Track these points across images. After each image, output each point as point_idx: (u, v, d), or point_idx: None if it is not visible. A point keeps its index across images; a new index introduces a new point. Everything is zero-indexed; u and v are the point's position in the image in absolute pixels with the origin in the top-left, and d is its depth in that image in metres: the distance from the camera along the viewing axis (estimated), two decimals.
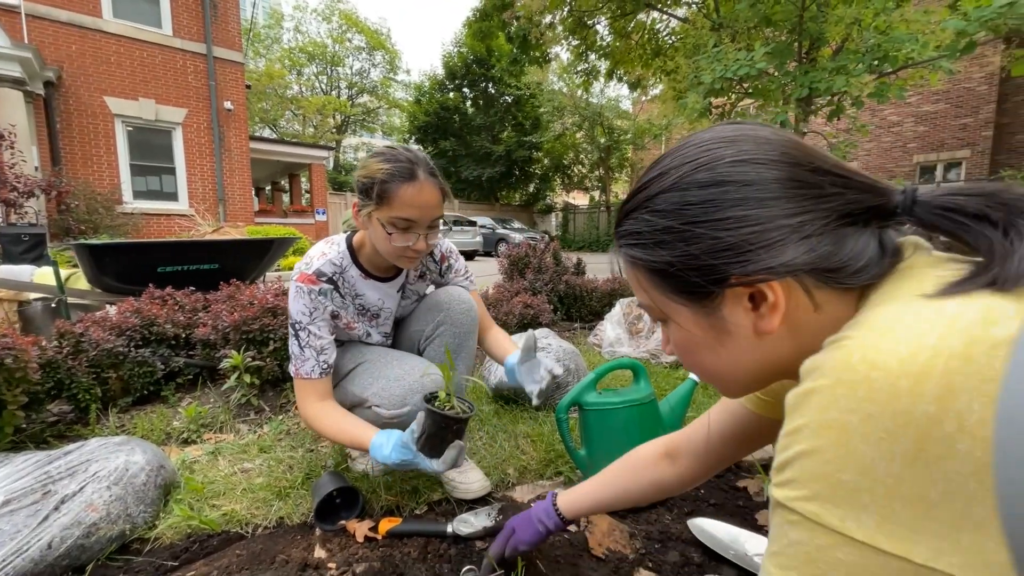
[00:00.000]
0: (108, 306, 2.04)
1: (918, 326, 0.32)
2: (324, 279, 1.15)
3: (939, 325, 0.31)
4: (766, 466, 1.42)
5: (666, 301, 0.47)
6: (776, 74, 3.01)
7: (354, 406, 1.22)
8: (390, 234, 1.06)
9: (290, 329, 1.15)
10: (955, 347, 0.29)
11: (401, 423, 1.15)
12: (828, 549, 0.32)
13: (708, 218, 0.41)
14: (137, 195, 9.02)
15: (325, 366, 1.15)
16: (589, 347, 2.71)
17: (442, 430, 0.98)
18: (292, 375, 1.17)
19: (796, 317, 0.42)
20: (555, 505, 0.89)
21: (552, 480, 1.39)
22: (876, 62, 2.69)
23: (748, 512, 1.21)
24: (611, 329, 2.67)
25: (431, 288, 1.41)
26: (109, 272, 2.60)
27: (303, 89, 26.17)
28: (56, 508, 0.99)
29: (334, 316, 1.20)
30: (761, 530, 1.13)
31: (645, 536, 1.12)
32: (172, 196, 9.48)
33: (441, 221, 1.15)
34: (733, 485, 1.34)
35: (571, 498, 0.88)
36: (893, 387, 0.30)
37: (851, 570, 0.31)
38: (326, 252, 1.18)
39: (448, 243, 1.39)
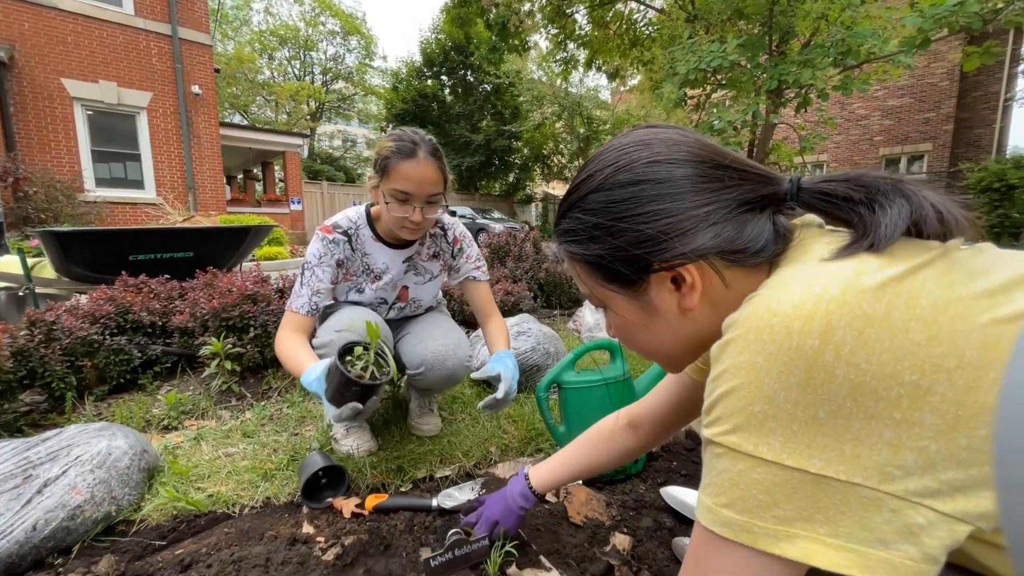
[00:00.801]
0: (78, 295, 1.99)
1: (808, 280, 0.38)
2: (339, 231, 1.29)
3: (823, 278, 0.38)
4: None
5: (602, 290, 0.53)
6: (748, 66, 3.11)
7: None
8: (388, 203, 1.17)
9: (300, 268, 1.27)
10: (834, 294, 0.36)
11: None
12: (746, 472, 0.38)
13: (630, 213, 0.47)
14: (100, 183, 8.62)
15: (314, 306, 1.25)
16: (568, 332, 2.77)
17: (341, 386, 0.98)
18: (286, 310, 1.26)
19: (712, 294, 0.49)
20: (529, 485, 0.94)
21: (532, 457, 1.44)
22: (841, 56, 2.81)
23: None
24: (590, 315, 2.74)
25: (445, 274, 1.46)
26: (77, 260, 2.52)
27: (275, 74, 25.32)
28: (39, 491, 0.99)
29: (339, 264, 1.30)
30: None
31: (621, 504, 1.18)
32: (138, 184, 9.10)
33: (441, 199, 1.23)
34: (703, 457, 1.41)
35: (542, 473, 0.94)
36: (787, 328, 0.36)
37: (765, 486, 0.37)
38: (348, 212, 1.33)
39: (463, 228, 1.45)
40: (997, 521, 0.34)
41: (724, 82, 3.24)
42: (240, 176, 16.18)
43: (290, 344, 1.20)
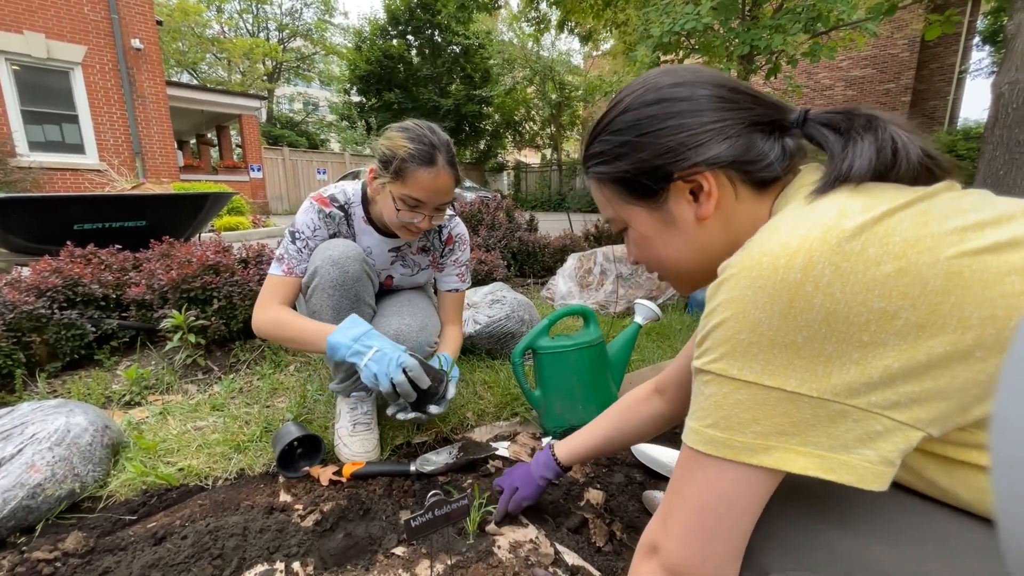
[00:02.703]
0: (18, 268, 1.85)
1: (795, 223, 0.42)
2: (336, 205, 1.24)
3: (808, 220, 0.42)
4: None
5: (625, 207, 0.59)
6: (721, 31, 3.08)
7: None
8: (398, 209, 1.13)
9: (287, 235, 1.20)
10: (816, 235, 0.40)
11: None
12: (730, 394, 0.42)
13: (654, 128, 0.53)
14: (34, 147, 7.90)
15: (303, 271, 1.19)
16: (542, 300, 2.80)
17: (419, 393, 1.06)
18: (269, 275, 1.20)
19: (725, 208, 0.54)
20: (554, 456, 0.95)
21: (508, 421, 1.47)
22: (811, 21, 2.83)
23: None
24: (563, 283, 2.76)
25: (429, 270, 1.41)
26: (16, 230, 2.32)
27: (225, 29, 23.47)
28: None
29: (334, 236, 1.24)
30: None
31: (594, 462, 1.23)
32: (77, 148, 8.40)
33: (449, 206, 1.20)
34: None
35: (569, 447, 0.94)
36: (774, 265, 0.40)
37: (747, 406, 0.42)
38: (343, 185, 1.27)
39: (461, 229, 1.39)
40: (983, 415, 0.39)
41: (697, 47, 3.21)
42: (193, 141, 15.17)
43: (286, 315, 1.14)
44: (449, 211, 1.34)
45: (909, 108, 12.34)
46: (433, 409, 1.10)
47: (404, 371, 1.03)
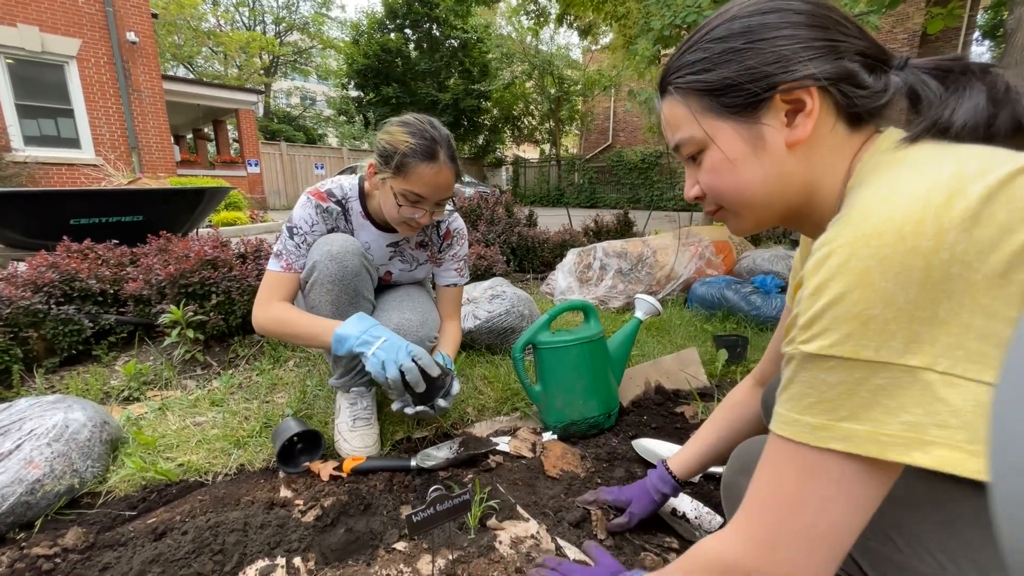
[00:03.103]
0: (14, 263, 1.84)
1: (909, 184, 0.39)
2: (333, 200, 1.22)
3: (926, 180, 0.39)
4: (702, 394, 1.58)
5: (711, 122, 0.55)
6: None
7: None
8: (400, 205, 1.11)
9: (284, 231, 1.19)
10: (940, 199, 0.37)
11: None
12: (867, 379, 0.38)
13: (767, 36, 0.51)
14: (29, 141, 7.83)
15: (302, 266, 1.18)
16: (541, 295, 2.80)
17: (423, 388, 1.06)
18: (268, 271, 1.19)
19: (816, 138, 0.51)
20: (668, 470, 0.91)
21: (509, 416, 1.47)
22: None
23: (684, 433, 1.35)
24: (563, 278, 2.76)
25: (427, 264, 1.40)
26: (12, 225, 2.30)
27: (221, 22, 23.26)
28: None
29: (331, 231, 1.23)
30: None
31: (595, 457, 1.23)
32: (73, 143, 8.33)
33: (450, 200, 1.20)
34: (672, 411, 1.48)
35: (681, 459, 0.91)
36: (899, 232, 0.36)
37: (888, 390, 0.37)
38: (340, 180, 1.26)
39: (460, 224, 1.39)
40: None
41: None
42: (190, 136, 15.07)
43: (290, 311, 1.14)
44: (448, 206, 1.33)
45: None
46: (442, 403, 1.10)
47: (413, 360, 1.03)
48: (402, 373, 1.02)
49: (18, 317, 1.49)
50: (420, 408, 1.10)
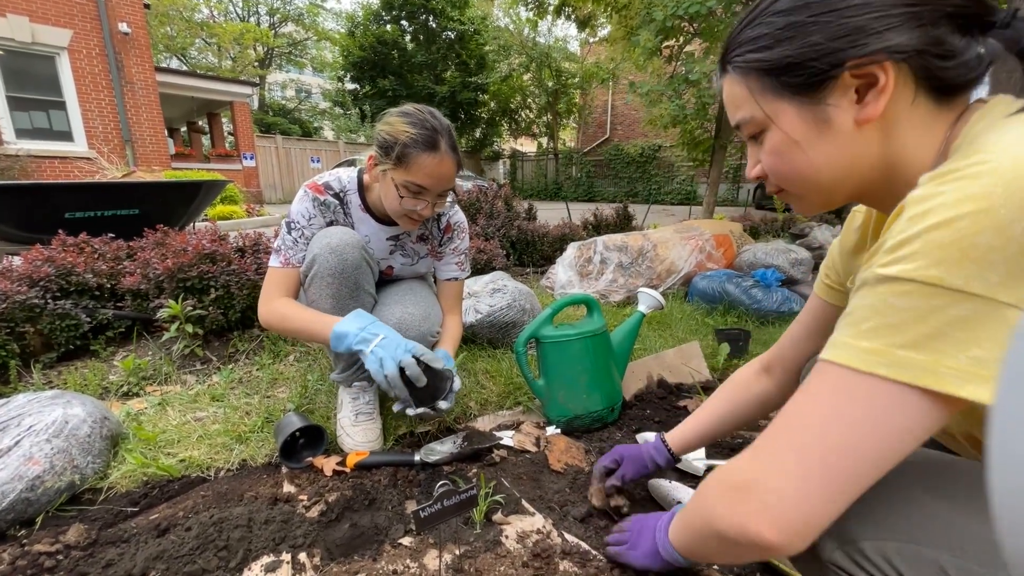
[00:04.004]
0: (9, 257, 1.81)
1: None
2: (331, 192, 1.21)
3: None
4: (705, 387, 1.58)
5: (773, 102, 0.51)
6: (724, 15, 3.03)
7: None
8: (401, 196, 1.10)
9: (283, 226, 1.19)
10: None
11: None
12: (944, 308, 0.35)
13: (832, 8, 0.46)
14: (20, 134, 7.73)
15: (300, 261, 1.18)
16: (541, 289, 2.79)
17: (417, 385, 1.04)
18: (269, 267, 1.19)
19: (893, 112, 0.47)
20: (665, 444, 0.92)
21: (511, 410, 1.47)
22: None
23: None
24: (563, 272, 2.75)
25: (428, 258, 1.38)
26: (7, 218, 2.27)
27: (215, 13, 22.95)
28: None
29: (329, 224, 1.22)
30: None
31: (598, 451, 1.23)
32: (65, 136, 8.22)
33: (452, 192, 1.18)
34: (675, 405, 1.48)
35: (679, 434, 0.92)
36: None
37: (967, 324, 0.35)
38: (337, 172, 1.24)
39: (460, 217, 1.37)
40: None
41: (700, 31, 3.15)
42: (184, 129, 14.90)
43: (292, 307, 1.13)
44: (449, 198, 1.32)
45: None
46: (443, 404, 1.09)
47: (413, 356, 1.02)
48: (402, 370, 1.01)
49: (14, 312, 1.47)
50: (421, 410, 1.09)
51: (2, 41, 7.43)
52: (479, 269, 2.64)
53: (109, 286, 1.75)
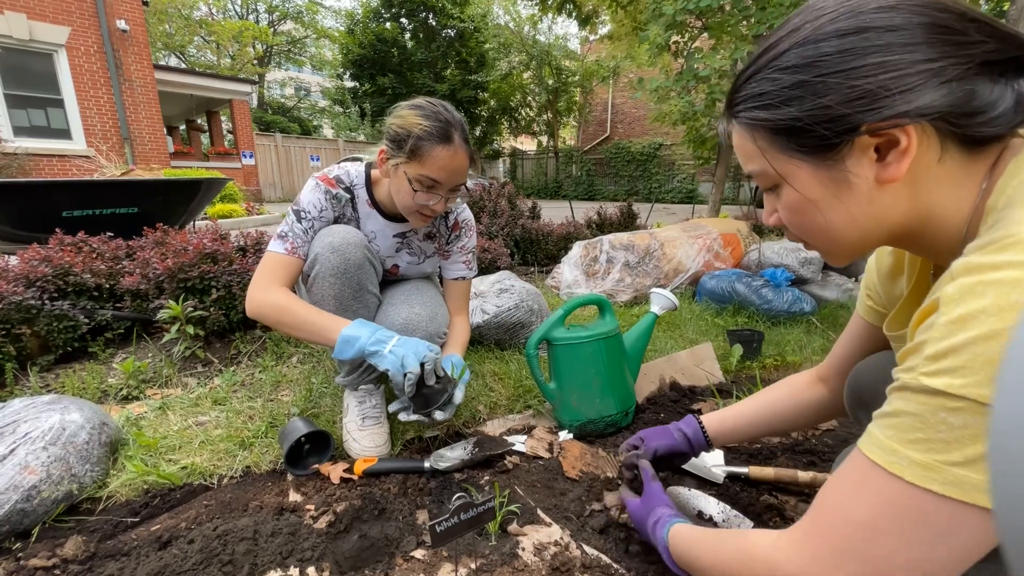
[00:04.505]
0: (5, 256, 1.77)
1: None
2: (342, 186, 1.18)
3: None
4: (719, 390, 1.54)
5: (785, 161, 0.48)
6: (733, 10, 2.98)
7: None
8: (415, 191, 1.06)
9: (291, 213, 1.13)
10: None
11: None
12: None
13: (845, 67, 0.41)
14: (18, 132, 7.67)
15: (306, 255, 1.12)
16: (547, 289, 2.75)
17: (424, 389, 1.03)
18: (269, 252, 1.11)
19: (918, 169, 0.43)
20: (699, 421, 0.90)
21: (521, 414, 1.43)
22: None
23: None
24: (569, 271, 2.71)
25: (435, 257, 1.35)
26: (2, 217, 2.23)
27: (213, 11, 22.84)
28: None
29: (336, 221, 1.18)
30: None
31: (615, 456, 1.19)
32: (63, 134, 8.17)
33: (464, 187, 1.15)
34: (690, 409, 1.44)
35: (718, 417, 0.90)
36: None
37: None
38: (346, 166, 1.21)
39: (468, 215, 1.34)
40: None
41: (708, 26, 3.10)
42: (183, 127, 14.84)
43: (293, 301, 1.06)
44: (460, 194, 1.28)
45: None
46: (439, 415, 1.05)
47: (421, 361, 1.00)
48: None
49: (10, 313, 1.43)
50: (415, 416, 1.06)
51: (0, 39, 7.37)
52: (484, 269, 2.60)
53: (108, 286, 1.71)
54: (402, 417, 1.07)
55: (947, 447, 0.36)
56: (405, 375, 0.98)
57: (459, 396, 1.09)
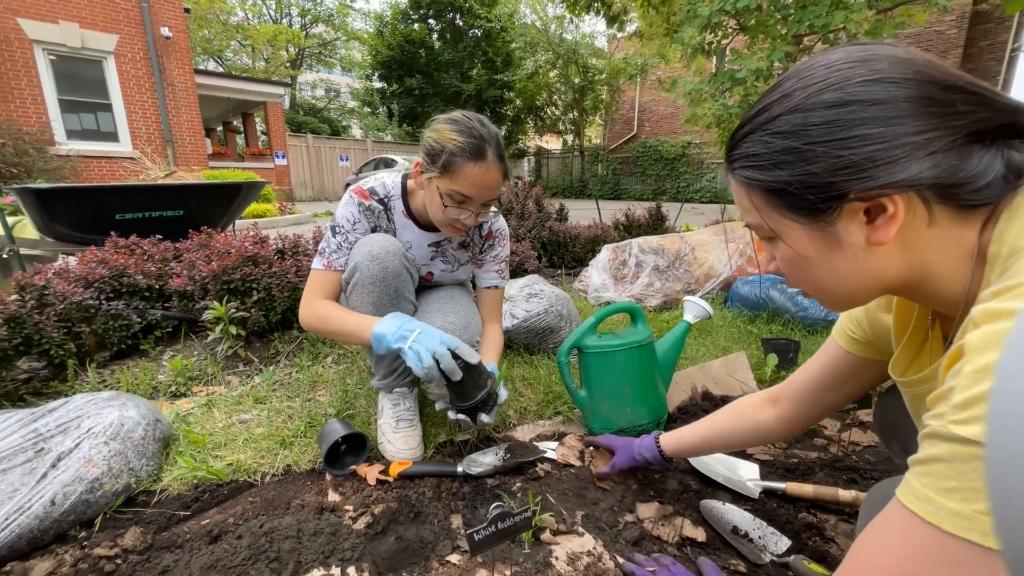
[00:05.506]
0: (65, 256, 1.89)
1: None
2: (376, 198, 1.21)
3: None
4: None
5: (779, 219, 0.49)
6: (770, 8, 2.88)
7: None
8: (445, 205, 1.09)
9: (328, 230, 1.20)
10: None
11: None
12: None
13: (832, 137, 0.42)
14: (71, 135, 8.14)
15: (342, 266, 1.18)
16: (575, 293, 2.74)
17: (462, 384, 1.03)
18: (312, 269, 1.20)
19: (910, 232, 0.44)
20: (657, 443, 0.99)
21: (551, 420, 1.44)
22: None
23: None
24: (596, 275, 2.70)
25: (469, 265, 1.37)
26: (61, 219, 2.38)
27: (249, 16, 23.62)
28: (53, 465, 0.95)
29: (374, 230, 1.23)
30: (750, 458, 1.22)
31: (645, 467, 1.18)
32: (111, 136, 8.61)
33: (497, 201, 1.17)
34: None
35: (674, 437, 0.98)
36: None
37: None
38: (382, 177, 1.24)
39: (502, 223, 1.36)
40: None
41: (745, 26, 3.01)
42: (220, 128, 15.41)
43: (331, 308, 1.14)
44: (493, 207, 1.29)
45: None
46: (484, 418, 1.07)
47: (449, 349, 1.00)
48: (437, 362, 0.99)
49: (72, 312, 1.52)
50: (462, 416, 1.08)
51: (54, 46, 7.82)
52: (512, 272, 2.62)
53: (158, 287, 1.81)
54: (451, 416, 1.09)
55: (981, 496, 0.35)
56: (425, 368, 0.98)
57: (503, 395, 1.14)
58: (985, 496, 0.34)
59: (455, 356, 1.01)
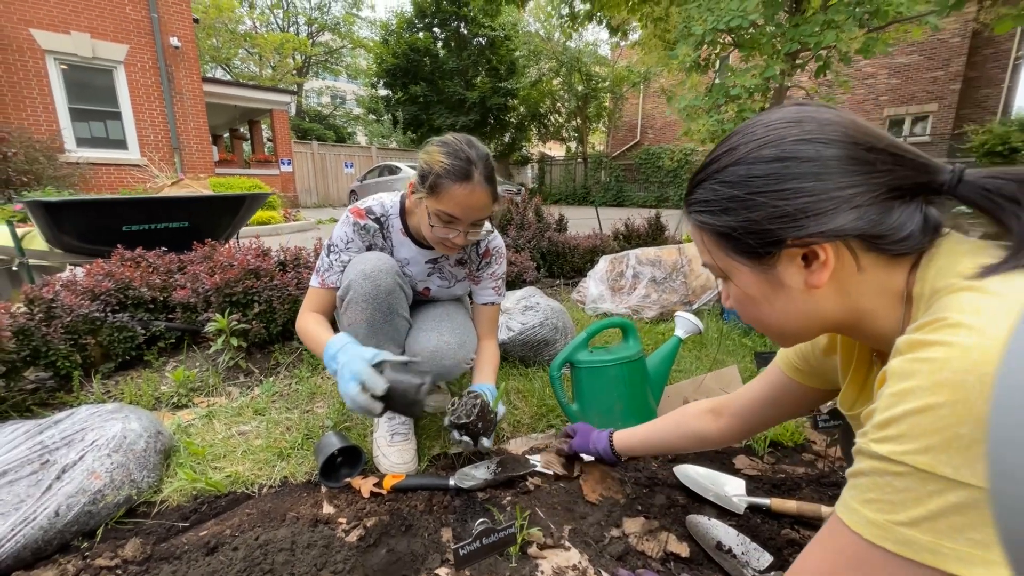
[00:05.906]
0: (72, 267, 1.94)
1: (1002, 306, 0.38)
2: (372, 217, 1.25)
3: (1016, 303, 0.37)
4: None
5: (728, 261, 0.55)
6: (765, 26, 2.93)
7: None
8: (432, 225, 1.12)
9: (324, 248, 1.26)
10: None
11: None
12: (938, 493, 0.36)
13: (769, 189, 0.48)
14: (81, 142, 8.28)
15: (334, 283, 1.24)
16: (572, 303, 2.77)
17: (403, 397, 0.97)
18: (310, 286, 1.27)
19: (842, 276, 0.49)
20: (611, 440, 1.09)
21: (544, 433, 1.46)
22: (868, 16, 2.64)
23: (726, 458, 1.31)
24: (594, 286, 2.72)
25: (466, 281, 1.40)
26: (69, 231, 2.44)
27: (257, 24, 23.96)
28: (58, 477, 0.99)
29: (369, 248, 1.27)
30: (738, 473, 1.24)
31: (634, 482, 1.20)
32: (120, 144, 8.75)
33: (487, 221, 1.21)
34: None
35: (624, 436, 1.09)
36: (997, 351, 0.35)
37: (961, 510, 0.35)
38: (382, 197, 1.29)
39: (499, 242, 1.39)
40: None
41: (739, 43, 3.06)
42: (226, 135, 15.60)
43: (308, 321, 1.21)
44: (488, 226, 1.32)
45: (959, 97, 11.64)
46: (485, 442, 1.13)
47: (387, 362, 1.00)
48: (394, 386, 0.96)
49: (78, 324, 1.56)
50: (466, 439, 1.13)
51: (66, 56, 7.98)
52: (510, 283, 2.65)
53: (162, 299, 1.85)
54: (455, 435, 1.14)
55: (894, 508, 0.39)
56: (352, 398, 0.95)
57: (501, 411, 1.18)
58: (899, 509, 0.39)
59: (397, 365, 0.99)
